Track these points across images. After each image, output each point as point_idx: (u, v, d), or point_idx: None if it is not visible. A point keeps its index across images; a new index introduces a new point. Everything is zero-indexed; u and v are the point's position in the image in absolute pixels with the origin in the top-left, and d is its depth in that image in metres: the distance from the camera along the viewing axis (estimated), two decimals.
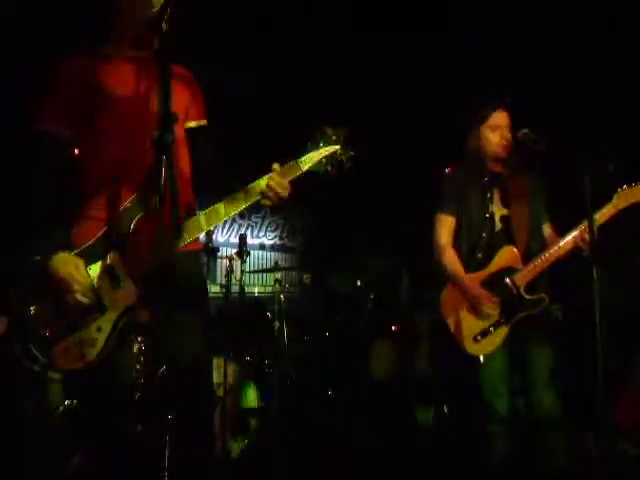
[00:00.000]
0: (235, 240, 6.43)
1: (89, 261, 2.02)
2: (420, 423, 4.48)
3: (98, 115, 2.10)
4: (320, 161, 2.08)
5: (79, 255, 2.02)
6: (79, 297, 1.97)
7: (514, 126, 2.92)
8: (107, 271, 2.01)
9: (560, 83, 4.65)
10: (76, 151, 2.17)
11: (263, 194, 2.05)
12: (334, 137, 2.09)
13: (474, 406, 2.95)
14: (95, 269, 2.02)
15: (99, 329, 1.98)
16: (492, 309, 2.81)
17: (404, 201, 6.28)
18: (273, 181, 2.04)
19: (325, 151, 2.08)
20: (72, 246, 2.03)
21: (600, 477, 2.67)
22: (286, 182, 2.06)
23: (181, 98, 2.19)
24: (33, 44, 4.00)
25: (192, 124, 2.29)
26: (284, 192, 2.06)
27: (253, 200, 2.07)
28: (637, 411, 3.50)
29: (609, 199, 2.78)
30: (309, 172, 2.09)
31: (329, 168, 2.09)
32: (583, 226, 2.73)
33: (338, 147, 2.09)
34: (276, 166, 2.07)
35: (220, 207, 2.06)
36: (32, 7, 4.02)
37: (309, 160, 2.08)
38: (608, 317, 2.34)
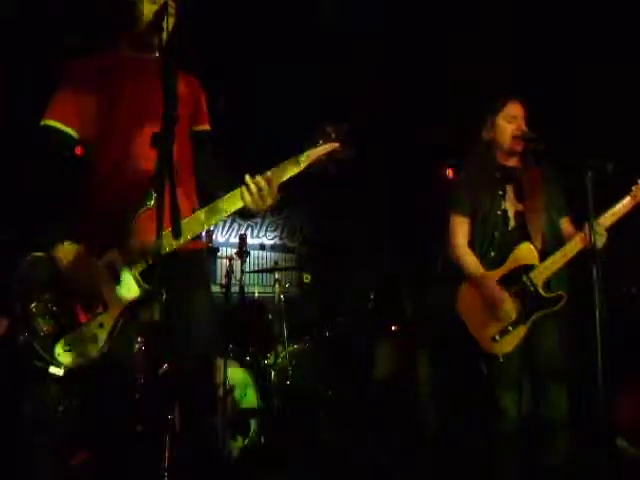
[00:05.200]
0: (235, 240, 6.42)
1: (91, 258, 2.02)
2: None
3: (103, 115, 2.14)
4: (319, 159, 2.08)
5: (81, 252, 2.02)
6: (83, 293, 1.97)
7: None
8: (108, 268, 2.02)
9: (560, 83, 4.66)
10: (78, 150, 2.19)
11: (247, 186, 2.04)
12: (334, 134, 2.09)
13: (480, 406, 2.94)
14: (96, 266, 2.02)
15: (101, 325, 1.99)
16: (511, 309, 2.77)
17: (404, 200, 6.29)
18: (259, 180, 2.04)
19: (324, 149, 2.08)
20: (76, 243, 2.04)
21: (600, 477, 2.66)
22: (274, 188, 2.05)
23: (185, 102, 2.22)
24: (39, 45, 4.01)
25: (196, 128, 2.32)
26: (267, 194, 2.05)
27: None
28: (637, 411, 3.50)
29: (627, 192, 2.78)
30: (308, 170, 2.09)
31: (329, 166, 2.09)
32: (600, 220, 2.72)
33: (337, 144, 2.09)
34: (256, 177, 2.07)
35: (220, 204, 2.07)
36: (38, 8, 4.04)
37: (308, 157, 2.08)
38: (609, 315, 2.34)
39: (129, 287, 2.01)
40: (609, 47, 4.45)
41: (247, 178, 2.05)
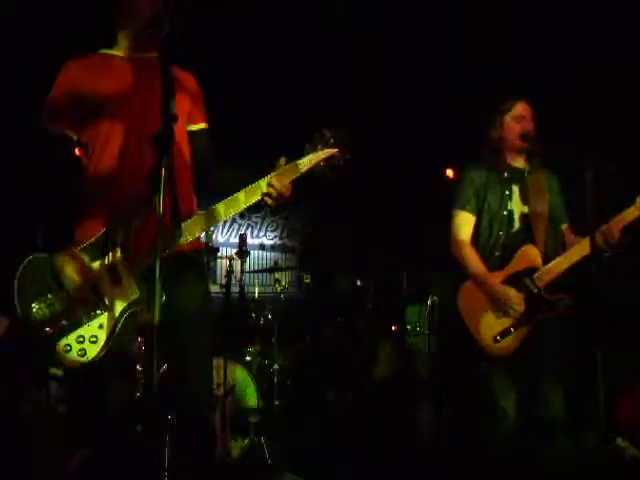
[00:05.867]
0: (235, 240, 6.43)
1: (91, 259, 2.03)
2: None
3: (100, 115, 2.14)
4: (318, 164, 2.09)
5: (81, 253, 2.03)
6: (83, 294, 1.98)
7: None
8: (108, 269, 2.02)
9: (560, 83, 4.66)
10: (77, 151, 2.19)
11: (264, 194, 2.07)
12: (332, 139, 2.09)
13: (479, 407, 2.94)
14: (96, 267, 2.02)
15: (101, 326, 1.99)
16: (519, 300, 2.76)
17: (404, 200, 6.29)
18: (275, 180, 2.05)
19: (323, 154, 2.09)
20: (76, 244, 2.05)
21: (600, 477, 2.66)
22: (287, 181, 2.07)
23: (183, 100, 2.22)
24: (37, 46, 4.02)
25: (193, 127, 2.31)
26: (286, 192, 2.07)
27: (253, 200, 2.08)
28: (637, 411, 3.50)
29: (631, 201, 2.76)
30: (307, 174, 2.09)
31: (327, 170, 2.10)
32: (603, 227, 2.71)
33: (336, 150, 2.09)
34: (282, 161, 2.08)
35: (220, 207, 2.07)
36: (37, 8, 4.04)
37: (307, 162, 2.09)
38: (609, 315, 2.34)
39: (129, 288, 2.02)
40: (609, 47, 4.45)
41: (268, 182, 2.06)
